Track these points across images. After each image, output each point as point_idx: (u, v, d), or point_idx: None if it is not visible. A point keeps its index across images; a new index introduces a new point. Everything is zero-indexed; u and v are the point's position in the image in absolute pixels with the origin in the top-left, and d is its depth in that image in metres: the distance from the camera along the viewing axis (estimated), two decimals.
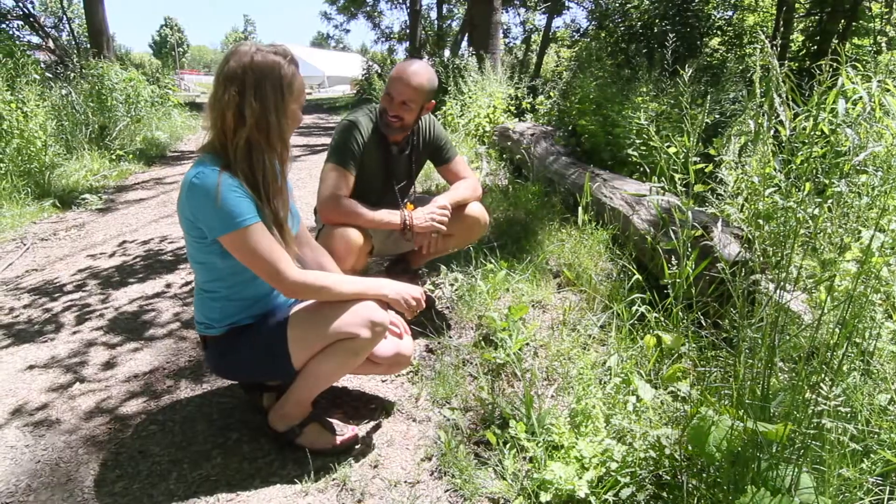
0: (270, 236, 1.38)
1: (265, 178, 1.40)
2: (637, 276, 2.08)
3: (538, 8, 17.93)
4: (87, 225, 4.13)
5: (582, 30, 11.87)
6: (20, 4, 11.67)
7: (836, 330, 1.10)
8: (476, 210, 2.28)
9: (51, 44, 11.83)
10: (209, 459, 1.57)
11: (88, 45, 10.07)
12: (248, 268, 1.38)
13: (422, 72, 2.08)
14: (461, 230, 2.28)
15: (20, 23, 11.90)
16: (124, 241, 3.70)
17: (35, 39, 11.87)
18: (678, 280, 1.72)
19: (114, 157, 6.38)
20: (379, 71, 15.61)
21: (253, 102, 1.34)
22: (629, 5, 8.15)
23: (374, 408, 1.82)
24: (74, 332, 2.37)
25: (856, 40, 6.00)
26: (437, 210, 2.10)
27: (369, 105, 2.23)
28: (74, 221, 4.22)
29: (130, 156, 6.63)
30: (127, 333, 2.36)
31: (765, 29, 7.77)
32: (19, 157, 4.68)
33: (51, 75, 7.05)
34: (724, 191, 2.32)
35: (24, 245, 3.58)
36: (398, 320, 1.73)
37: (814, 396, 0.99)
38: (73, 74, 7.08)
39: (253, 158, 1.38)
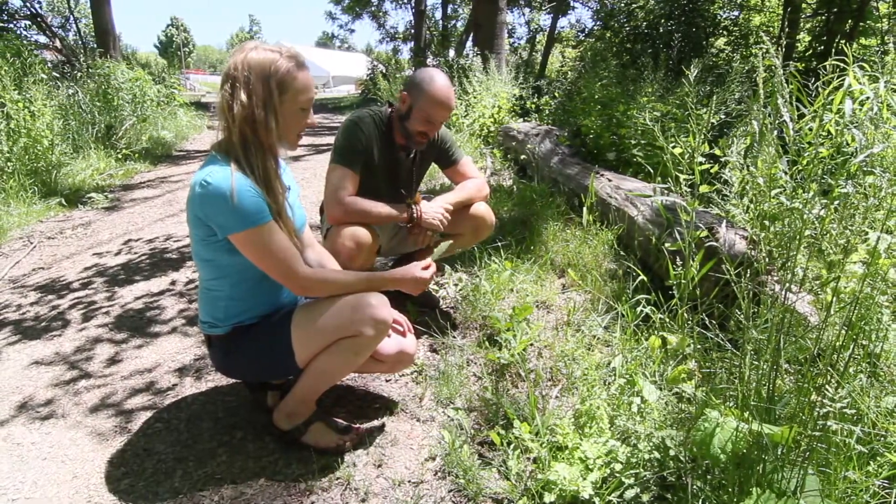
0: (283, 235, 1.40)
1: (260, 172, 1.40)
2: (642, 276, 2.08)
3: (543, 8, 17.91)
4: (94, 223, 4.15)
5: (587, 30, 11.86)
6: (27, 4, 11.73)
7: (843, 332, 1.09)
8: (482, 210, 2.28)
9: (58, 43, 11.88)
10: (214, 457, 1.58)
11: (95, 45, 10.12)
12: (259, 266, 1.40)
13: (453, 89, 2.10)
14: (467, 230, 2.28)
15: (27, 23, 11.96)
16: (130, 240, 3.72)
17: (42, 39, 11.92)
18: (683, 281, 1.71)
19: (120, 156, 6.42)
20: (384, 71, 15.63)
21: (242, 96, 1.35)
22: (634, 5, 8.13)
23: (378, 407, 1.82)
24: (80, 330, 2.38)
25: (863, 40, 5.96)
26: (442, 208, 2.11)
27: (372, 107, 2.22)
28: (81, 220, 4.24)
29: (136, 155, 6.67)
30: (132, 331, 2.37)
31: (771, 29, 7.74)
32: (26, 156, 4.72)
33: (58, 75, 7.10)
34: (730, 191, 2.31)
35: (31, 243, 3.61)
36: (402, 319, 1.73)
37: (819, 399, 0.99)
38: (79, 74, 7.13)
39: (248, 152, 1.39)
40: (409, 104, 2.08)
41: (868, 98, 2.03)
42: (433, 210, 2.09)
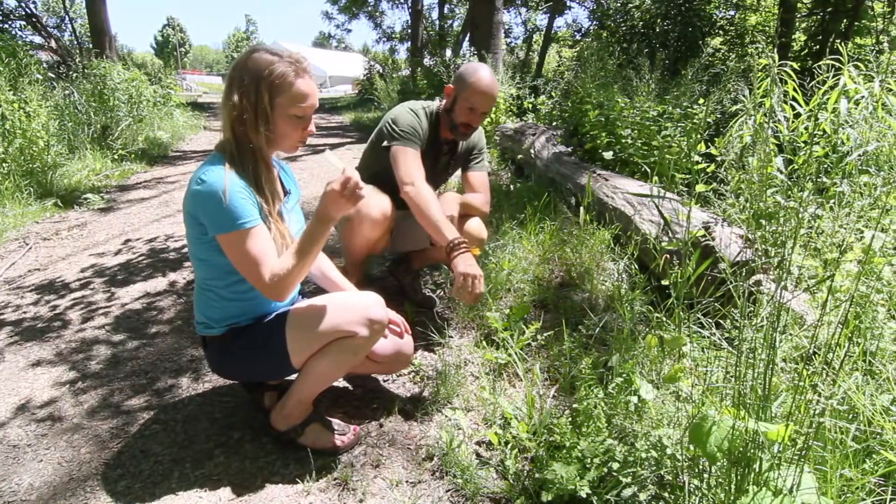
0: (265, 242, 1.38)
1: (252, 169, 1.41)
2: (639, 275, 2.08)
3: (540, 8, 17.92)
4: (90, 224, 4.14)
5: (583, 29, 11.87)
6: (23, 5, 11.70)
7: (838, 330, 1.10)
8: (475, 227, 2.30)
9: (53, 44, 11.85)
10: (211, 458, 1.58)
11: (91, 45, 10.10)
12: (236, 268, 1.39)
13: (496, 80, 2.12)
14: None
15: (23, 23, 11.93)
16: (127, 241, 3.71)
17: (37, 39, 11.91)
18: (679, 280, 1.72)
19: (116, 156, 6.40)
20: (381, 71, 15.62)
21: (235, 97, 1.36)
22: (631, 5, 8.14)
23: (375, 407, 1.82)
24: (77, 331, 2.37)
25: (858, 40, 5.98)
26: (481, 284, 1.80)
27: (422, 102, 2.25)
28: (76, 221, 4.23)
29: (132, 155, 6.65)
30: (129, 332, 2.37)
31: (767, 28, 7.76)
32: (22, 157, 4.70)
33: (53, 75, 7.07)
34: (726, 190, 2.32)
35: (27, 245, 3.59)
36: (398, 319, 1.73)
37: (815, 397, 0.99)
38: (75, 74, 7.10)
39: (241, 152, 1.40)
40: (454, 96, 2.13)
41: (863, 97, 2.04)
42: (471, 279, 1.76)
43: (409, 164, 2.02)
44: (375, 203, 2.05)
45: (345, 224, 2.14)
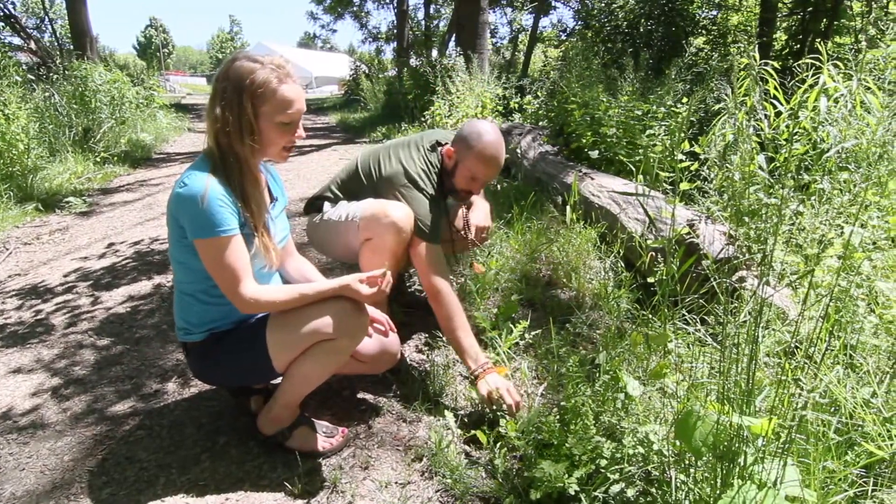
0: (241, 252, 1.37)
1: (238, 181, 1.39)
2: (625, 273, 2.10)
3: (525, 8, 17.99)
4: (71, 228, 4.08)
5: (568, 29, 11.94)
6: (1, 5, 11.49)
7: (819, 324, 1.11)
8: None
9: (33, 45, 11.65)
10: (198, 464, 1.56)
11: (71, 47, 9.95)
12: (211, 275, 1.37)
13: (503, 145, 1.96)
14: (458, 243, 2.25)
15: (1, 24, 11.72)
16: (110, 244, 3.66)
17: (17, 41, 11.68)
18: (664, 277, 1.73)
19: (98, 159, 6.31)
20: (367, 71, 15.57)
21: (217, 110, 1.35)
22: (615, 5, 8.21)
23: (364, 409, 1.81)
24: (60, 336, 2.34)
25: (837, 39, 6.08)
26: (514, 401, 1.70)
27: (425, 157, 2.03)
28: (58, 225, 4.16)
29: (115, 158, 6.57)
30: (114, 336, 2.33)
31: (749, 28, 7.86)
32: (1, 161, 4.61)
33: (33, 77, 6.95)
34: (710, 188, 2.35)
35: (7, 250, 3.53)
36: (383, 318, 1.71)
37: (797, 391, 1.01)
38: (55, 76, 6.99)
39: (226, 163, 1.38)
40: (455, 160, 1.97)
41: (842, 95, 2.08)
42: (499, 397, 1.70)
43: (439, 267, 1.89)
44: (406, 228, 1.85)
45: (365, 249, 1.91)
